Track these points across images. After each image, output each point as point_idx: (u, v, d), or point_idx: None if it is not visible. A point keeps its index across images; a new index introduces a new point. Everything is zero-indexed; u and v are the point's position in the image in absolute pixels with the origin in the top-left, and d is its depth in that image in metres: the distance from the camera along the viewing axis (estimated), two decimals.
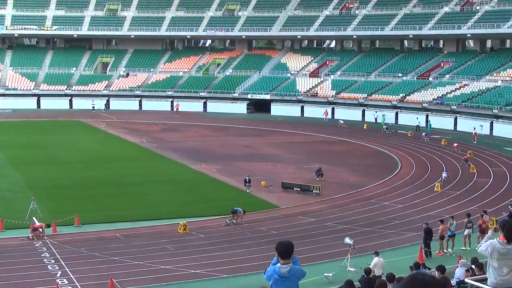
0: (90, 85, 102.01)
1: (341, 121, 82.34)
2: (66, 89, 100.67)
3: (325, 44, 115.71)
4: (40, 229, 31.21)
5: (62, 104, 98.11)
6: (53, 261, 27.60)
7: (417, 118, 79.81)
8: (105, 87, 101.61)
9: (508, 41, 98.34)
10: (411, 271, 20.59)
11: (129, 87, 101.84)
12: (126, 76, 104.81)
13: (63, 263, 27.23)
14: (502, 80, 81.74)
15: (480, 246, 8.95)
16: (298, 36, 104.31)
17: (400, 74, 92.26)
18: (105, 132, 72.20)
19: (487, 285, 8.88)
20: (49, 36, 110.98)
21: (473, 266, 17.93)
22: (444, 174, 47.06)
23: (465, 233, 30.19)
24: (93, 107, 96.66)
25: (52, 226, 32.15)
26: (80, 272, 25.98)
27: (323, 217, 36.28)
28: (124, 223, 34.35)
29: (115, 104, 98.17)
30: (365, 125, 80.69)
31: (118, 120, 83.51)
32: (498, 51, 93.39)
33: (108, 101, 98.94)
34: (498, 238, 8.80)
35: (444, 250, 29.58)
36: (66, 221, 33.48)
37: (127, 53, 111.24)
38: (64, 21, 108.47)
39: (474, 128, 70.47)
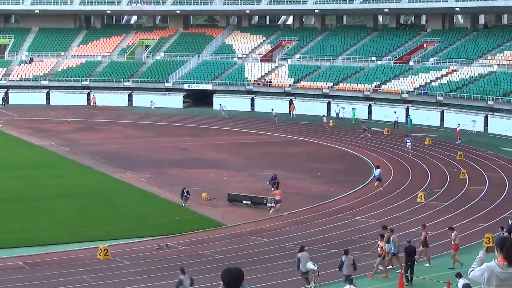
0: None
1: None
2: None
3: (280, 21, 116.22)
4: None
5: None
6: None
7: (395, 112, 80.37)
8: (2, 77, 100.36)
9: (505, 17, 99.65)
10: None
11: (33, 76, 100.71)
12: (30, 62, 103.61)
13: None
14: (499, 65, 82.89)
15: (473, 270, 8.94)
16: (247, 11, 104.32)
17: (373, 58, 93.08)
18: (3, 133, 71.32)
19: None
20: None
21: None
22: (408, 143, 49.40)
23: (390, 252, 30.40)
24: None
25: None
26: None
27: (280, 236, 36.37)
28: (29, 248, 33.91)
29: (16, 98, 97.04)
30: (331, 121, 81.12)
31: (20, 118, 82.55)
32: (493, 28, 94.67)
33: (6, 94, 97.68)
34: (496, 261, 8.79)
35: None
36: None
37: (31, 33, 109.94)
38: None
39: (458, 124, 70.52)
